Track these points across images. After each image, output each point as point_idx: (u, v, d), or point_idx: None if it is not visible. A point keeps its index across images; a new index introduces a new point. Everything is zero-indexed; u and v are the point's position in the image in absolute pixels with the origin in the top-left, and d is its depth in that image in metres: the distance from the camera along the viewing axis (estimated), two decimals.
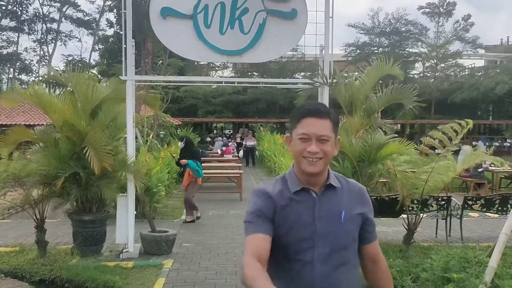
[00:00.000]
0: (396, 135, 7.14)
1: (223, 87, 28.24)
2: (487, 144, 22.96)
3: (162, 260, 6.88)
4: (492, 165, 12.96)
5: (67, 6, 43.01)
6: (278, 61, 29.97)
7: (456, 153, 8.64)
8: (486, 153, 6.79)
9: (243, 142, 25.69)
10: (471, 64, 40.17)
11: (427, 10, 37.84)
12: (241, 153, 24.50)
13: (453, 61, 37.88)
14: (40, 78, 37.69)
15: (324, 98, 7.01)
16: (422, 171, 6.50)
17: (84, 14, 44.14)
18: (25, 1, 41.51)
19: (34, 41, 44.10)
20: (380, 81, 7.14)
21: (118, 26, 33.10)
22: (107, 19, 42.56)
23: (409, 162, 6.83)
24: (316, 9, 7.06)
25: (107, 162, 6.66)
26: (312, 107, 1.77)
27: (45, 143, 7.13)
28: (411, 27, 38.15)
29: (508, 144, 30.03)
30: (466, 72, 39.28)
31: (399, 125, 33.03)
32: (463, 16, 38.56)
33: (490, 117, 37.34)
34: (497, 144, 29.30)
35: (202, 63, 30.55)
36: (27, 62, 43.76)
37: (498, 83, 30.73)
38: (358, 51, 39.59)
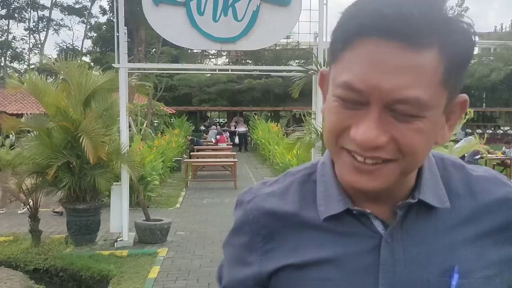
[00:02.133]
0: None
1: (218, 75, 28.12)
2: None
3: (156, 248, 6.89)
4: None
5: None
6: (272, 49, 29.85)
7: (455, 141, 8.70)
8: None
9: (236, 129, 26.58)
10: None
11: None
12: (236, 139, 25.26)
13: None
14: (32, 67, 37.37)
15: (318, 86, 6.98)
16: None
17: (75, 1, 43.69)
18: None
19: (25, 29, 43.66)
20: None
21: (111, 13, 32.81)
22: (100, 6, 42.15)
23: None
24: None
25: (102, 152, 6.63)
26: (389, 6, 0.61)
27: (38, 131, 7.09)
28: None
29: (502, 132, 30.18)
30: None
31: None
32: (457, 2, 38.53)
33: (484, 104, 37.49)
34: (490, 131, 29.44)
35: (196, 51, 30.39)
36: (19, 51, 43.36)
37: (493, 69, 30.81)
38: None
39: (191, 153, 17.20)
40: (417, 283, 0.71)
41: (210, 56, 37.99)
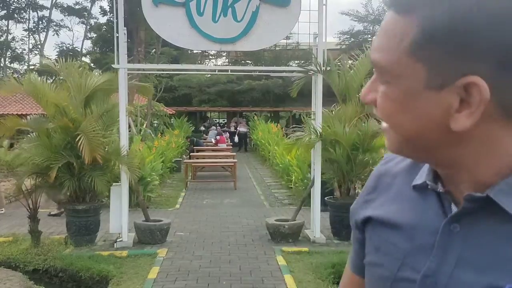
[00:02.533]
0: None
1: (217, 76, 28.10)
2: None
3: (156, 249, 6.88)
4: None
5: None
6: (272, 50, 29.86)
7: None
8: None
9: (238, 129, 26.97)
10: None
11: None
12: (236, 138, 25.82)
13: None
14: (32, 67, 37.35)
15: (318, 86, 6.99)
16: None
17: (75, 2, 43.70)
18: None
19: (25, 30, 43.66)
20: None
21: (111, 14, 32.82)
22: (100, 7, 41.93)
23: None
24: None
25: (99, 153, 6.64)
26: None
27: (38, 132, 7.09)
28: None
29: None
30: None
31: None
32: None
33: None
34: None
35: (195, 51, 30.38)
36: (19, 51, 43.35)
37: None
38: (352, 39, 39.50)
39: (191, 154, 17.20)
40: (458, 285, 0.66)
41: (210, 57, 37.97)
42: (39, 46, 44.17)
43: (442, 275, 0.68)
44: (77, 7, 43.42)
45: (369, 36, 39.27)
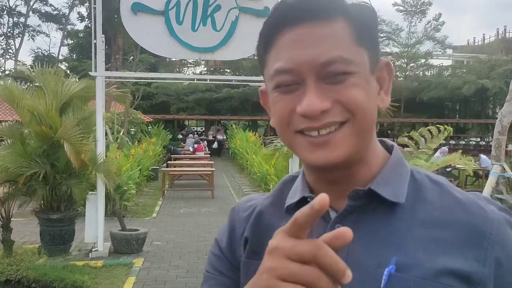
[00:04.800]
0: None
1: (196, 84, 28.07)
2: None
3: (132, 259, 6.80)
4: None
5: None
6: (251, 58, 29.99)
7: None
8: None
9: (216, 136, 27.81)
10: (440, 64, 41.11)
11: (401, 8, 38.49)
12: (215, 144, 26.50)
13: (423, 61, 38.68)
14: (7, 73, 36.66)
15: None
16: None
17: (53, 8, 43.15)
18: None
19: (0, 35, 42.89)
20: None
21: (89, 20, 32.49)
22: (78, 13, 41.62)
23: None
24: None
25: (85, 156, 6.57)
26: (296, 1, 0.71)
27: (12, 139, 6.96)
28: (384, 26, 38.75)
29: (474, 143, 30.84)
30: (435, 71, 40.18)
31: None
32: (434, 16, 39.34)
33: (457, 115, 38.27)
34: (463, 142, 30.07)
35: (174, 59, 30.30)
36: None
37: (466, 82, 31.53)
38: None
39: (168, 162, 17.09)
40: (355, 271, 0.63)
41: (189, 65, 37.95)
42: (10, 51, 43.37)
43: None
44: (55, 13, 42.90)
45: None
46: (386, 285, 0.68)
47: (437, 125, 6.52)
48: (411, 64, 38.75)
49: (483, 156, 14.52)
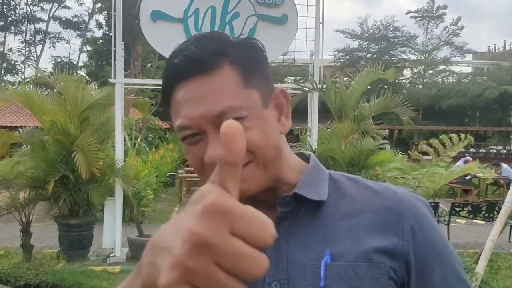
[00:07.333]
0: (386, 140, 7.20)
1: None
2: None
3: None
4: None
5: (56, 6, 42.74)
6: (269, 66, 30.04)
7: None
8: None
9: None
10: (459, 71, 40.62)
11: (416, 15, 38.19)
12: None
13: (442, 67, 38.24)
14: (28, 80, 37.33)
15: (314, 103, 7.03)
16: (411, 177, 6.54)
17: (73, 15, 43.94)
18: (12, 1, 41.14)
19: (21, 42, 43.69)
20: (368, 86, 7.19)
21: (107, 28, 32.93)
22: (96, 21, 42.15)
23: (398, 169, 6.88)
24: (307, 15, 7.09)
25: (96, 167, 6.61)
26: (177, 55, 0.80)
27: (32, 145, 7.05)
28: (399, 33, 38.47)
29: (495, 151, 30.36)
30: (454, 79, 39.70)
31: (387, 131, 33.24)
32: (452, 20, 38.86)
33: (477, 123, 37.73)
34: (484, 151, 29.62)
35: None
36: (13, 63, 43.29)
37: (486, 88, 31.11)
38: (347, 56, 39.81)
39: (186, 168, 17.14)
40: (296, 271, 0.79)
41: None
42: (31, 58, 44.11)
43: (281, 274, 0.79)
44: (75, 20, 43.61)
45: (364, 53, 39.63)
46: (325, 274, 0.77)
47: (457, 133, 6.43)
48: (429, 71, 38.35)
49: (504, 165, 14.27)
